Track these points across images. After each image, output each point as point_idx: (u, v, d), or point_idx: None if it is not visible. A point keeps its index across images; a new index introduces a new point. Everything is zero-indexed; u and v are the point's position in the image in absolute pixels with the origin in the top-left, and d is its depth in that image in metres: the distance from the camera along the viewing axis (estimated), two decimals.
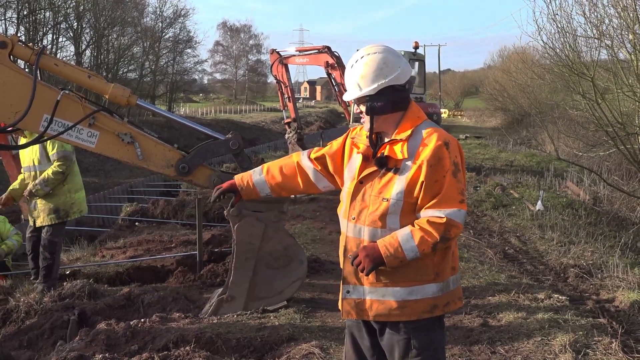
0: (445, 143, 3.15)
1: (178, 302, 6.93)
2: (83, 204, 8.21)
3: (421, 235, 3.10)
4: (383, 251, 3.15)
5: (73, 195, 8.00)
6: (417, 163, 3.15)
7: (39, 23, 40.60)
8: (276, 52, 20.98)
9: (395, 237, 3.15)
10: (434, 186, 3.12)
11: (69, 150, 7.76)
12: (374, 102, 3.25)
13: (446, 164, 3.12)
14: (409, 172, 3.17)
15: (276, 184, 3.80)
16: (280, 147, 32.62)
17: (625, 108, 15.75)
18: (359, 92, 3.28)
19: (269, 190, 3.83)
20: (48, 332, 6.55)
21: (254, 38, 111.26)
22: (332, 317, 6.32)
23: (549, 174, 20.95)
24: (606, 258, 10.08)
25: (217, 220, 12.49)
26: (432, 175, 3.12)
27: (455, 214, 3.11)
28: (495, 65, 69.70)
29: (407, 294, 3.22)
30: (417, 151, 3.17)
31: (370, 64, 3.25)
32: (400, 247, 3.12)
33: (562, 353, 5.29)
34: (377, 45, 3.33)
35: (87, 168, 29.80)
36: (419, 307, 3.22)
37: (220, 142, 6.53)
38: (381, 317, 3.28)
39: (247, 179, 3.84)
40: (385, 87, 3.23)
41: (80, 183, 8.21)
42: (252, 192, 3.84)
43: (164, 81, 60.99)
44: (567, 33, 15.55)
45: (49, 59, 6.37)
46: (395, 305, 3.23)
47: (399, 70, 3.24)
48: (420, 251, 3.11)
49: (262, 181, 3.82)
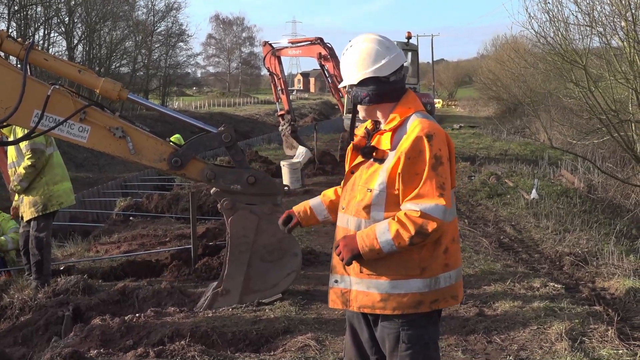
0: (427, 135, 3.09)
1: (173, 296, 6.91)
2: (64, 196, 8.03)
3: (397, 228, 3.05)
4: (359, 242, 3.12)
5: (51, 187, 7.86)
6: (397, 154, 3.11)
7: (30, 18, 40.48)
8: (269, 44, 20.95)
9: (373, 229, 3.12)
10: (414, 179, 3.07)
11: (39, 142, 7.60)
12: (357, 92, 3.26)
13: (425, 157, 3.06)
14: (389, 163, 3.14)
15: (331, 202, 3.68)
16: (274, 139, 32.59)
17: (619, 95, 15.76)
18: (344, 81, 3.31)
19: (326, 211, 3.71)
20: (42, 328, 6.52)
21: (246, 31, 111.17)
22: (328, 309, 6.30)
23: (543, 162, 20.97)
24: (601, 246, 10.08)
25: (211, 213, 12.45)
26: (411, 167, 3.08)
27: (432, 208, 3.04)
28: (489, 55, 69.45)
29: (391, 288, 3.17)
30: (400, 142, 3.14)
31: (356, 54, 3.25)
32: (376, 239, 3.09)
33: (559, 341, 5.29)
34: (370, 35, 3.31)
35: (80, 163, 29.77)
36: (403, 302, 3.17)
37: (213, 135, 6.50)
38: (365, 308, 3.25)
39: (305, 205, 3.76)
40: (367, 77, 3.22)
41: (61, 175, 8.04)
42: (309, 217, 3.74)
43: (157, 75, 60.93)
44: (558, 21, 15.54)
45: (38, 53, 6.34)
46: (378, 298, 3.19)
47: (383, 62, 3.21)
48: (396, 245, 3.06)
49: (318, 203, 3.73)
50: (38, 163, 7.69)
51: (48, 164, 7.87)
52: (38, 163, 7.69)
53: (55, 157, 8.02)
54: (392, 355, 3.26)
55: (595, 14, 14.71)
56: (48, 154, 7.83)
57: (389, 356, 3.28)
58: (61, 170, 8.09)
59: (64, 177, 8.12)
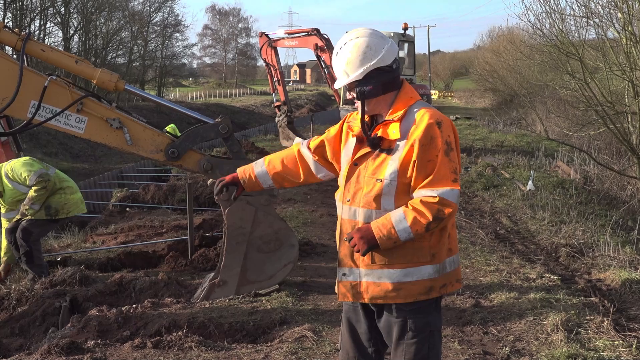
0: (437, 122, 3.14)
1: (170, 287, 6.92)
2: (74, 206, 8.13)
3: (414, 215, 3.09)
4: (376, 232, 3.14)
5: (68, 196, 8.01)
6: (409, 143, 3.14)
7: (25, 9, 40.37)
8: (265, 35, 20.91)
9: (388, 218, 3.14)
10: (427, 166, 3.11)
11: (38, 169, 7.77)
12: (363, 86, 3.24)
13: (438, 143, 3.11)
14: (401, 152, 3.15)
15: (277, 174, 3.74)
16: (271, 130, 32.57)
17: (615, 87, 15.77)
18: (347, 79, 3.28)
19: (271, 181, 3.76)
20: (40, 319, 6.54)
21: (243, 21, 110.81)
22: (325, 300, 6.32)
23: (539, 153, 20.97)
24: (597, 237, 10.10)
25: (207, 204, 12.46)
26: (425, 154, 3.11)
27: (448, 193, 3.09)
28: (485, 46, 69.35)
29: (403, 276, 3.20)
30: (410, 131, 3.16)
31: (354, 49, 3.24)
32: (394, 228, 3.11)
33: (555, 332, 5.32)
34: (360, 29, 3.32)
35: (77, 154, 29.72)
36: (415, 289, 3.21)
37: (210, 126, 6.50)
38: (377, 299, 3.26)
39: (249, 172, 3.77)
40: (372, 70, 3.22)
41: (72, 187, 8.21)
42: (254, 184, 3.77)
43: (153, 66, 60.70)
44: (555, 12, 15.53)
45: (35, 44, 6.33)
46: (390, 287, 3.21)
47: (383, 52, 3.24)
48: (414, 232, 3.09)
49: (264, 172, 3.75)
50: (49, 184, 7.78)
51: (58, 180, 8.00)
52: (49, 184, 7.78)
53: (60, 175, 8.16)
54: (398, 343, 3.28)
55: (591, 5, 14.76)
56: (52, 174, 7.92)
57: (395, 345, 3.29)
58: (71, 184, 8.22)
59: (75, 190, 8.24)
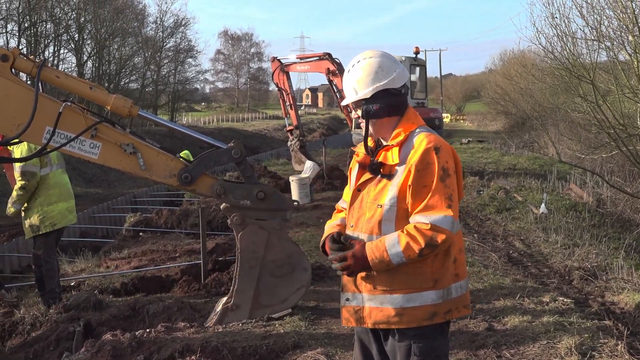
0: (435, 147, 3.15)
1: (183, 311, 6.93)
2: (58, 217, 7.83)
3: (407, 241, 3.08)
4: (369, 254, 3.15)
5: (45, 208, 7.71)
6: (407, 168, 3.16)
7: (40, 35, 40.80)
8: (277, 60, 21.03)
9: (382, 241, 3.15)
10: (422, 191, 3.12)
11: (31, 164, 7.51)
12: (370, 105, 3.27)
13: (434, 169, 3.12)
14: (400, 177, 3.18)
15: None
16: (283, 154, 32.61)
17: (627, 109, 15.78)
18: (355, 96, 3.32)
19: None
20: (54, 343, 6.56)
21: (255, 46, 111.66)
22: (338, 324, 6.31)
23: (552, 176, 20.93)
24: (610, 260, 10.07)
25: (220, 229, 12.48)
26: (420, 179, 3.12)
27: (441, 220, 3.08)
28: (496, 69, 69.53)
29: (405, 301, 3.20)
30: (408, 156, 3.18)
31: (366, 68, 3.29)
32: (386, 251, 3.11)
33: (568, 356, 5.29)
34: (374, 51, 3.37)
35: (90, 179, 29.85)
36: (418, 315, 3.20)
37: (223, 150, 6.55)
38: (380, 324, 3.26)
39: None
40: (380, 90, 3.26)
41: (56, 195, 7.86)
42: None
43: (165, 91, 60.98)
44: (566, 35, 15.58)
45: (50, 71, 6.40)
46: (393, 313, 3.21)
47: (395, 74, 3.28)
48: (406, 257, 3.09)
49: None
50: (29, 185, 7.60)
51: (44, 184, 7.74)
52: (29, 185, 7.60)
53: (53, 177, 7.87)
54: None
55: (602, 29, 14.77)
56: (43, 174, 7.71)
57: None
58: (58, 191, 7.89)
59: (60, 198, 7.91)
